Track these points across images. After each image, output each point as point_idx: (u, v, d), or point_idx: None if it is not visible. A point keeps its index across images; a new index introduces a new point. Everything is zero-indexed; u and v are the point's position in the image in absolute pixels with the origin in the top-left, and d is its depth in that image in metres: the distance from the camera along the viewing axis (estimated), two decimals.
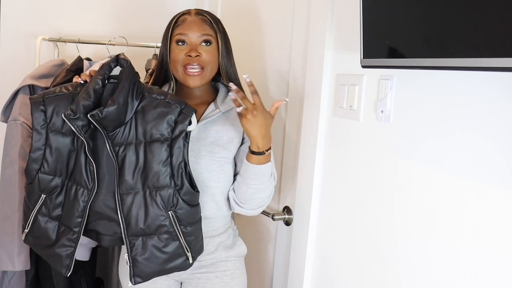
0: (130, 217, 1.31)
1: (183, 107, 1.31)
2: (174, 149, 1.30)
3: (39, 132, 1.34)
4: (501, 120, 0.94)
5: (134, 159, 1.31)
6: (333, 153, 1.42)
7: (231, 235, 1.53)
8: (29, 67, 2.08)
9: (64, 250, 1.36)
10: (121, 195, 1.31)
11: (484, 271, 0.97)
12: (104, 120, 1.27)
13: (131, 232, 1.32)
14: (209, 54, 1.42)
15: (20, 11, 2.14)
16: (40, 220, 1.37)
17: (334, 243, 1.41)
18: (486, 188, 0.96)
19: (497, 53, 0.77)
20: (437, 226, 1.07)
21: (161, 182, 1.30)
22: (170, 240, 1.33)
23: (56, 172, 1.35)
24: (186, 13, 1.45)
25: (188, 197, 1.32)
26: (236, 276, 1.50)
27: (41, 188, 1.36)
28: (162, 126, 1.30)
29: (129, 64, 1.33)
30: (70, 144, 1.35)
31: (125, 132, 1.31)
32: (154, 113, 1.31)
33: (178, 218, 1.32)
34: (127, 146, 1.31)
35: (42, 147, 1.34)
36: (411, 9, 0.96)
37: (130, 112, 1.31)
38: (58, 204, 1.36)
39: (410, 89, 1.14)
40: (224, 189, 1.44)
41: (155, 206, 1.30)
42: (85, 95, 1.29)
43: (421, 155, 1.11)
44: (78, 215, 1.33)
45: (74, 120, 1.27)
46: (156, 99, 1.32)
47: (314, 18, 1.47)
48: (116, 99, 1.27)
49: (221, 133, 1.44)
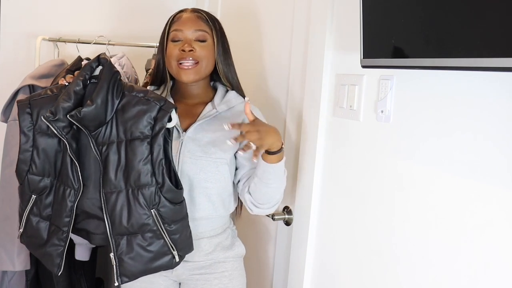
0: (114, 216, 1.31)
1: (162, 104, 1.30)
2: (154, 146, 1.30)
3: (26, 135, 1.35)
4: (501, 120, 0.94)
5: (117, 158, 1.31)
6: (333, 153, 1.42)
7: (230, 235, 1.52)
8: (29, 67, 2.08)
9: (55, 249, 1.37)
10: (105, 194, 1.32)
11: (484, 271, 0.97)
12: (83, 120, 1.27)
13: (115, 231, 1.32)
14: (204, 49, 1.41)
15: (20, 11, 2.14)
16: (32, 220, 1.39)
17: (334, 243, 1.41)
18: (486, 188, 0.96)
19: (497, 53, 0.77)
20: (437, 226, 1.07)
21: (142, 180, 1.30)
22: (154, 239, 1.33)
23: (45, 173, 1.36)
24: (182, 11, 1.46)
25: (170, 195, 1.32)
26: (234, 277, 1.49)
27: (31, 189, 1.37)
28: (142, 124, 1.30)
29: (108, 63, 1.33)
30: (56, 145, 1.36)
31: (107, 131, 1.32)
32: (133, 111, 1.31)
33: (162, 216, 1.32)
34: (110, 145, 1.32)
35: (29, 149, 1.35)
36: (411, 9, 0.96)
37: (111, 111, 1.31)
38: (48, 204, 1.38)
39: (410, 89, 1.14)
40: (220, 189, 1.44)
41: (137, 204, 1.30)
42: (65, 97, 1.30)
43: (421, 155, 1.11)
44: (66, 215, 1.34)
45: (54, 122, 1.28)
46: (136, 97, 1.32)
47: (314, 18, 1.47)
48: (94, 99, 1.27)
49: (218, 134, 1.42)
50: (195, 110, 1.47)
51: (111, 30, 2.27)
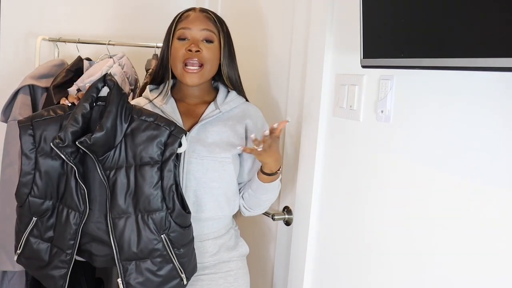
0: (123, 241, 1.29)
1: (172, 129, 1.29)
2: (164, 172, 1.28)
3: (28, 157, 1.32)
4: (501, 120, 0.94)
5: (126, 182, 1.29)
6: (333, 153, 1.42)
7: (233, 235, 1.52)
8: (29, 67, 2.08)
9: (58, 271, 1.34)
10: (113, 219, 1.29)
11: (484, 271, 0.97)
12: (93, 146, 1.25)
13: (123, 256, 1.30)
14: (210, 51, 1.41)
15: (20, 11, 2.14)
16: (32, 242, 1.36)
17: (334, 243, 1.41)
18: (486, 188, 0.96)
19: (497, 53, 0.77)
20: (437, 226, 1.07)
21: (152, 205, 1.29)
22: (164, 263, 1.32)
23: (47, 195, 1.33)
24: (190, 10, 1.46)
25: (180, 220, 1.31)
26: (239, 276, 1.50)
27: (32, 212, 1.34)
28: (152, 149, 1.29)
29: (116, 86, 1.30)
30: (59, 167, 1.33)
31: (115, 156, 1.30)
32: (143, 136, 1.29)
33: (171, 241, 1.31)
34: (118, 170, 1.29)
35: (31, 172, 1.32)
36: (411, 9, 0.96)
37: (120, 136, 1.29)
38: (49, 227, 1.35)
39: (410, 89, 1.14)
40: (226, 189, 1.44)
41: (147, 230, 1.29)
42: (73, 121, 1.27)
43: (421, 155, 1.11)
44: (70, 238, 1.32)
45: (63, 148, 1.25)
46: (145, 122, 1.30)
47: (314, 18, 1.47)
48: (104, 124, 1.25)
49: (221, 135, 1.43)
50: (197, 110, 1.47)
51: (111, 30, 2.28)
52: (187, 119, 1.46)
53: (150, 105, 1.47)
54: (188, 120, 1.45)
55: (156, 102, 1.45)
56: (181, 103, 1.48)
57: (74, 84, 1.84)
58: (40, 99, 1.90)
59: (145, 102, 1.48)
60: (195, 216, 1.40)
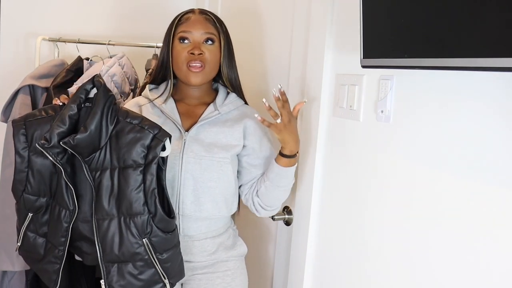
0: (106, 243, 1.30)
1: (156, 132, 1.28)
2: (146, 175, 1.28)
3: (21, 155, 1.34)
4: (501, 120, 0.94)
5: (110, 184, 1.29)
6: (333, 153, 1.42)
7: (231, 235, 1.53)
8: (29, 67, 2.08)
9: (51, 266, 1.36)
10: (97, 220, 1.30)
11: (484, 271, 0.97)
12: (77, 147, 1.25)
13: (106, 258, 1.30)
14: (212, 53, 1.42)
15: (20, 11, 2.14)
16: (30, 236, 1.38)
17: (334, 243, 1.41)
18: (486, 188, 0.96)
19: (497, 53, 0.77)
20: (437, 225, 1.07)
21: (134, 209, 1.28)
22: (145, 268, 1.31)
23: (40, 193, 1.35)
24: (190, 12, 1.46)
25: (162, 225, 1.30)
26: (237, 275, 1.50)
27: (27, 207, 1.36)
28: (135, 152, 1.28)
29: (103, 87, 1.30)
30: (51, 166, 1.34)
31: (101, 157, 1.30)
32: (126, 139, 1.29)
33: (153, 246, 1.30)
34: (103, 172, 1.30)
35: (24, 170, 1.34)
36: (411, 9, 0.96)
37: (105, 137, 1.29)
38: (44, 222, 1.37)
39: (410, 89, 1.14)
40: (223, 189, 1.44)
41: (129, 233, 1.29)
42: (59, 122, 1.27)
43: (421, 155, 1.11)
44: (61, 235, 1.33)
45: (49, 149, 1.26)
46: (130, 124, 1.29)
47: (314, 18, 1.47)
48: (88, 125, 1.25)
49: (220, 135, 1.44)
50: (197, 110, 1.48)
51: (111, 30, 2.28)
52: (186, 119, 1.46)
53: (150, 105, 1.47)
54: (187, 121, 1.46)
55: (155, 101, 1.46)
56: (180, 104, 1.49)
57: (74, 84, 1.84)
58: (40, 99, 1.90)
59: (144, 102, 1.49)
60: (194, 215, 1.41)
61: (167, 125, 1.41)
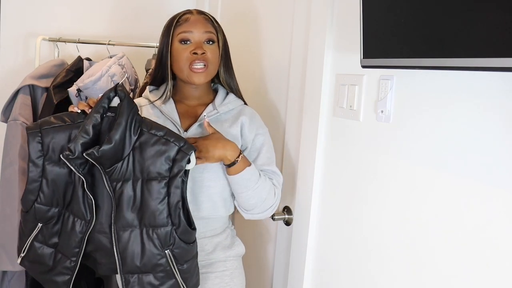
0: (126, 254, 1.29)
1: (182, 145, 1.27)
2: (171, 188, 1.27)
3: (36, 164, 1.30)
4: (501, 120, 0.94)
5: (132, 195, 1.28)
6: (333, 153, 1.42)
7: (229, 235, 1.53)
8: (29, 67, 2.08)
9: (61, 277, 1.33)
10: (117, 231, 1.28)
11: (484, 271, 0.97)
12: (100, 159, 1.24)
13: (126, 269, 1.29)
14: (213, 52, 1.43)
15: (20, 11, 2.14)
16: (37, 247, 1.35)
17: (334, 243, 1.41)
18: (486, 188, 0.96)
19: (497, 53, 0.77)
20: (437, 225, 1.07)
21: (158, 221, 1.27)
22: (166, 278, 1.31)
23: (53, 203, 1.32)
24: (188, 13, 1.46)
25: (185, 236, 1.30)
26: (235, 275, 1.50)
27: (38, 218, 1.33)
28: (160, 164, 1.27)
29: (127, 97, 1.28)
30: (67, 176, 1.31)
31: (123, 168, 1.28)
32: (151, 151, 1.27)
33: (175, 257, 1.30)
34: (124, 182, 1.28)
35: (38, 179, 1.30)
36: (411, 9, 0.96)
37: (128, 148, 1.27)
38: (55, 233, 1.34)
39: (410, 89, 1.15)
40: (221, 189, 1.44)
41: (151, 244, 1.28)
42: (84, 133, 1.25)
43: (421, 155, 1.11)
44: (75, 246, 1.31)
45: (73, 160, 1.24)
46: (155, 136, 1.28)
47: (314, 18, 1.47)
48: (113, 137, 1.23)
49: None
50: (196, 110, 1.49)
51: (111, 30, 2.28)
52: (185, 119, 1.47)
53: (149, 106, 1.48)
54: (186, 121, 1.47)
55: (155, 102, 1.47)
56: (180, 104, 1.49)
57: (74, 84, 1.84)
58: (40, 99, 1.90)
59: (145, 103, 1.50)
60: (192, 215, 1.40)
61: (167, 125, 1.41)
